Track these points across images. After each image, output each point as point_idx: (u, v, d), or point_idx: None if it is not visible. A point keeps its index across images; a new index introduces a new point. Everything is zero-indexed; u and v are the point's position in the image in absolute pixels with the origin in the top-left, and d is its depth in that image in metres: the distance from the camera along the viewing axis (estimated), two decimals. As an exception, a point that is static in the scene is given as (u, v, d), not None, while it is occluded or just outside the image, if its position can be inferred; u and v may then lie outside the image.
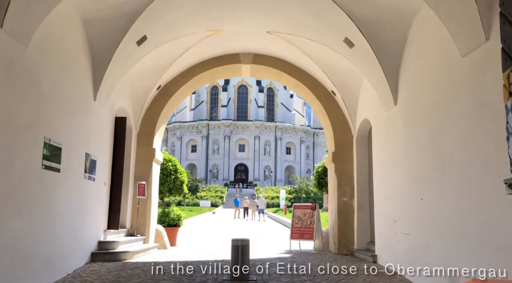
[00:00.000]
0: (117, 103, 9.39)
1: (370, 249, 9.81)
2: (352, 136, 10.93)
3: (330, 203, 11.31)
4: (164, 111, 11.18)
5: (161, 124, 11.38)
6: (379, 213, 8.89)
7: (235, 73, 11.80)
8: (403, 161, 7.43)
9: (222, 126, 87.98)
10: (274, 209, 53.38)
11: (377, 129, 9.04)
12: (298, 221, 11.09)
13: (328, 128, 11.25)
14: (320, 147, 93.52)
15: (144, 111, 10.94)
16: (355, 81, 10.09)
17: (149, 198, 10.76)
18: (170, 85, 11.19)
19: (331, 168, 11.23)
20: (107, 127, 8.85)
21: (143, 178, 10.70)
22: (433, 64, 6.29)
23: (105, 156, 8.76)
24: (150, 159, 10.85)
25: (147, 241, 10.53)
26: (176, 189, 12.85)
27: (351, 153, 10.87)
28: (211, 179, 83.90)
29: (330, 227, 11.17)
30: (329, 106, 11.12)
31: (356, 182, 10.54)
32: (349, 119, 10.83)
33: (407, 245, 7.08)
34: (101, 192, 8.53)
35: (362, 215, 10.38)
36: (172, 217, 12.60)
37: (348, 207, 10.67)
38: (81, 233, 7.51)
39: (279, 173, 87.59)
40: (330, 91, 11.03)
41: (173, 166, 12.88)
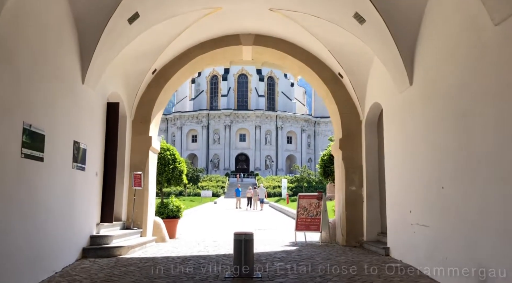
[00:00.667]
0: (109, 88, 8.73)
1: (381, 241, 9.23)
2: (361, 122, 10.28)
3: (337, 193, 10.71)
4: (160, 97, 10.53)
5: (157, 111, 10.74)
6: (391, 202, 8.29)
7: (235, 56, 11.12)
8: (421, 146, 6.79)
9: (223, 116, 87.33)
10: (276, 198, 52.91)
11: (389, 113, 8.40)
12: (304, 212, 10.50)
13: (335, 113, 10.60)
14: (321, 136, 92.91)
15: (139, 97, 10.29)
16: (364, 62, 9.41)
17: (146, 189, 10.16)
18: (167, 69, 10.51)
19: (338, 155, 10.61)
20: (98, 113, 8.21)
21: (139, 167, 10.09)
22: (457, 37, 5.62)
23: (97, 144, 8.14)
24: (146, 147, 10.23)
25: (145, 234, 9.96)
26: (175, 179, 12.25)
27: (360, 139, 10.23)
28: (212, 169, 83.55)
29: (338, 217, 10.59)
30: (336, 90, 10.46)
31: (365, 170, 9.93)
32: (357, 103, 10.17)
33: (425, 238, 6.48)
34: (93, 183, 7.93)
35: (371, 205, 9.78)
36: (171, 208, 12.02)
37: (357, 196, 10.07)
38: (70, 227, 6.92)
39: (280, 162, 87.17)
40: (337, 74, 10.36)
41: (171, 155, 12.26)
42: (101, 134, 8.36)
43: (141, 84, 10.02)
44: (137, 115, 10.31)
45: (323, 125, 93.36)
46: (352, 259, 7.68)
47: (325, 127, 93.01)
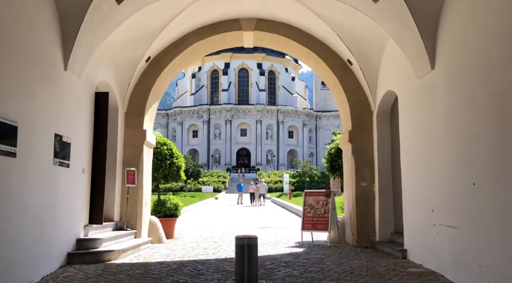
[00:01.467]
0: (97, 76, 7.96)
1: (396, 242, 8.49)
2: (372, 112, 9.50)
3: (346, 189, 9.95)
4: (155, 87, 9.75)
5: (152, 103, 9.96)
6: (409, 200, 7.52)
7: (235, 42, 10.31)
8: (444, 137, 6.02)
9: (223, 110, 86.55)
10: (278, 193, 52.22)
11: (405, 101, 7.61)
12: (311, 210, 9.74)
13: (344, 103, 9.82)
14: (323, 130, 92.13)
15: (132, 87, 9.51)
16: (377, 47, 8.62)
17: (140, 186, 9.41)
18: (161, 57, 9.72)
19: (347, 149, 9.84)
20: (85, 103, 7.43)
21: (132, 163, 9.33)
22: (493, 10, 4.84)
23: (83, 138, 7.37)
24: (140, 141, 9.46)
25: (139, 235, 9.22)
26: (172, 176, 11.47)
27: (371, 131, 9.46)
28: (213, 164, 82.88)
29: (347, 216, 9.84)
30: (344, 78, 9.66)
31: (377, 164, 9.16)
32: (368, 92, 9.38)
33: (452, 241, 5.73)
34: (79, 181, 7.17)
35: (384, 202, 9.03)
36: (169, 206, 11.28)
37: (368, 193, 9.31)
38: (52, 230, 6.17)
39: (282, 157, 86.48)
40: (346, 61, 9.56)
41: (168, 149, 11.47)
42: (88, 127, 7.59)
43: (134, 74, 9.23)
44: (130, 107, 9.54)
45: (325, 120, 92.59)
46: (366, 263, 6.93)
47: (327, 121, 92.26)
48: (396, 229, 8.89)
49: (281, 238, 10.89)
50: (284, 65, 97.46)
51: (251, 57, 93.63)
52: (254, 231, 13.01)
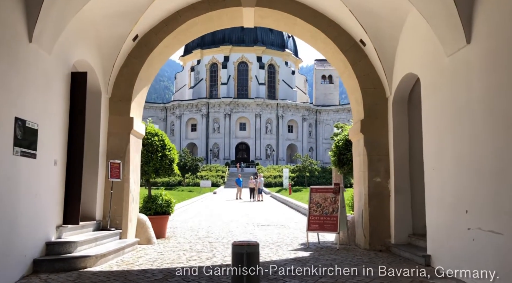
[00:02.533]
0: (74, 54, 6.89)
1: (414, 245, 7.49)
2: (387, 99, 8.46)
3: (357, 185, 8.93)
4: (144, 70, 8.69)
5: (140, 88, 8.91)
6: (433, 198, 6.50)
7: (234, 21, 9.23)
8: (482, 124, 5.00)
9: (222, 104, 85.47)
10: (277, 188, 51.23)
11: (431, 83, 6.55)
12: (317, 208, 8.72)
13: (355, 89, 8.77)
14: (322, 125, 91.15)
15: (117, 69, 8.45)
16: (395, 22, 7.56)
17: (127, 181, 8.39)
18: (151, 36, 8.66)
19: (359, 140, 8.80)
20: (58, 84, 6.37)
21: (117, 155, 8.30)
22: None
23: (55, 125, 6.32)
24: (127, 131, 8.42)
25: (125, 235, 8.21)
26: (164, 169, 10.43)
27: (385, 120, 8.42)
28: (211, 158, 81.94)
29: (357, 215, 8.83)
30: (356, 61, 8.61)
31: (393, 157, 8.13)
32: (383, 76, 8.33)
33: (497, 250, 4.72)
34: (50, 174, 6.14)
35: (400, 200, 8.01)
36: (160, 203, 10.26)
37: (382, 189, 8.29)
38: (13, 233, 5.15)
39: (281, 152, 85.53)
40: (358, 41, 8.50)
41: (160, 141, 10.43)
42: (62, 111, 6.52)
43: (119, 54, 8.17)
44: (115, 92, 8.48)
45: (325, 114, 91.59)
46: (386, 271, 5.91)
47: (327, 116, 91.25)
48: (414, 231, 7.89)
49: (283, 238, 9.89)
50: (284, 58, 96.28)
51: (250, 51, 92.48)
52: (253, 230, 12.02)
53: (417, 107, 7.99)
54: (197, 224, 13.87)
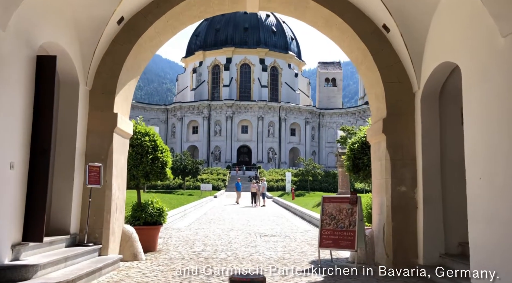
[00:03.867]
0: (41, 34, 5.69)
1: (448, 267, 6.22)
2: (414, 94, 7.24)
3: (377, 194, 7.69)
4: (131, 58, 7.50)
5: (127, 79, 7.72)
6: (481, 212, 5.25)
7: (236, 4, 8.02)
8: None
9: (224, 106, 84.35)
10: (279, 192, 49.93)
11: (478, 70, 5.29)
12: (331, 221, 7.48)
13: (375, 83, 7.55)
14: (325, 128, 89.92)
15: (99, 57, 7.25)
16: (426, 2, 6.34)
17: (108, 187, 7.18)
18: (139, 19, 7.46)
19: (379, 142, 7.58)
20: (16, 68, 5.15)
21: (98, 156, 7.10)
22: None
23: (12, 119, 5.11)
24: (109, 128, 7.21)
25: (105, 251, 6.99)
26: (155, 173, 9.20)
27: (412, 119, 7.19)
28: (213, 161, 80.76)
29: (378, 229, 7.59)
30: (378, 50, 7.39)
31: (422, 162, 6.89)
32: (410, 68, 7.11)
33: None
34: (4, 180, 4.92)
35: (430, 213, 6.78)
36: (151, 212, 9.07)
37: (408, 200, 7.06)
38: None
39: (283, 155, 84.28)
40: (381, 26, 7.29)
41: (151, 141, 9.22)
42: (22, 103, 5.31)
43: (101, 39, 6.96)
44: (97, 83, 7.28)
45: (328, 117, 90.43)
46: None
47: (330, 119, 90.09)
48: (447, 250, 6.65)
49: (290, 254, 8.65)
50: (287, 61, 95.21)
51: (253, 53, 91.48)
52: (255, 241, 10.78)
53: (451, 102, 6.80)
54: (194, 233, 12.64)
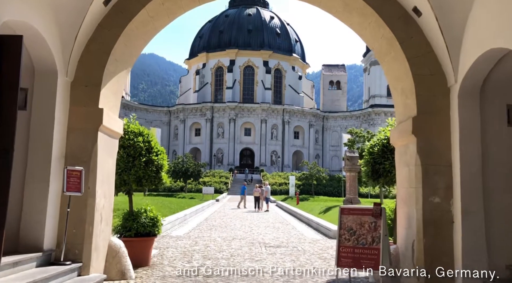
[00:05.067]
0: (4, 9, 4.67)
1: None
2: (449, 89, 6.19)
3: (405, 206, 6.63)
4: (120, 45, 6.48)
5: (116, 70, 6.70)
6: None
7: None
8: None
9: (227, 109, 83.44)
10: (283, 196, 48.78)
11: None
12: (350, 236, 6.42)
13: (402, 76, 6.51)
14: (329, 131, 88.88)
15: (83, 43, 6.24)
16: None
17: (91, 195, 6.15)
18: (129, 0, 6.46)
19: (407, 145, 6.52)
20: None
21: (80, 159, 6.09)
22: None
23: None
24: (94, 126, 6.19)
25: (87, 270, 5.96)
26: (148, 178, 8.17)
27: (447, 117, 6.14)
28: (215, 163, 79.79)
29: (404, 246, 6.52)
30: (406, 38, 6.34)
31: (459, 169, 5.83)
32: (445, 57, 6.06)
33: None
34: None
35: (470, 229, 5.72)
36: (143, 221, 8.05)
37: (442, 213, 6.00)
38: None
39: (287, 158, 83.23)
40: (411, 10, 6.25)
41: (145, 142, 8.20)
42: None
43: (84, 21, 5.95)
44: (79, 74, 6.27)
45: (332, 121, 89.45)
46: None
47: (334, 122, 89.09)
48: (492, 274, 5.58)
49: (301, 270, 7.59)
50: (291, 63, 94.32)
51: (257, 55, 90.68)
52: (261, 254, 9.73)
53: (495, 98, 5.75)
54: (193, 242, 11.59)
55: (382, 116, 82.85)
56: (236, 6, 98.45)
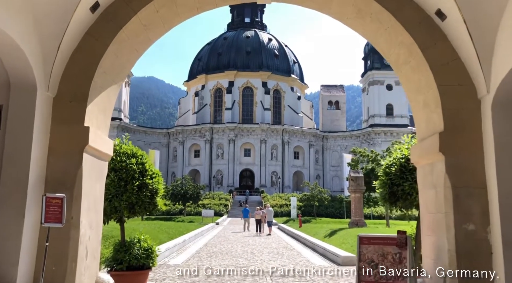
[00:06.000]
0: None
1: None
2: (479, 101, 5.50)
3: (433, 234, 5.83)
4: (109, 57, 5.82)
5: (104, 84, 6.02)
6: None
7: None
8: None
9: (227, 129, 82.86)
10: (284, 218, 47.55)
11: None
12: (373, 269, 5.60)
13: (426, 86, 5.82)
14: (330, 151, 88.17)
15: (67, 54, 5.58)
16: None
17: (75, 226, 5.37)
18: (120, 6, 5.81)
19: (432, 164, 5.78)
20: None
21: (63, 184, 5.34)
22: None
23: None
24: (78, 147, 5.47)
25: (68, 314, 5.13)
26: (142, 204, 7.40)
27: (478, 132, 5.43)
28: (215, 185, 78.65)
29: (434, 281, 5.70)
30: (429, 44, 5.69)
31: (498, 191, 5.09)
32: (475, 65, 5.39)
33: None
34: None
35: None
36: (136, 253, 7.22)
37: (477, 242, 5.22)
38: None
39: (287, 179, 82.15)
40: (433, 14, 5.62)
41: (138, 165, 7.46)
42: None
43: (68, 29, 5.29)
44: (63, 88, 5.58)
45: (332, 141, 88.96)
46: None
47: (334, 142, 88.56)
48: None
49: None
50: (290, 84, 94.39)
51: (256, 76, 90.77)
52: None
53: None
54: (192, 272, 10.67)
55: (382, 136, 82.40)
56: (235, 28, 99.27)
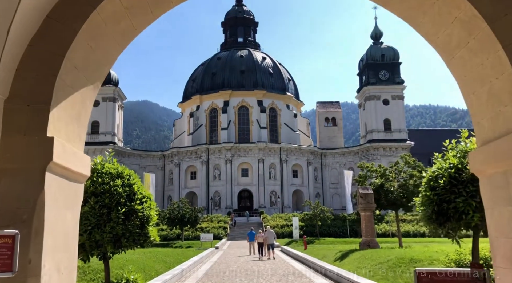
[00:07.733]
0: None
1: None
2: None
3: (508, 262, 4.42)
4: (79, 45, 4.45)
5: (77, 82, 4.63)
6: None
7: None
8: None
9: (223, 150, 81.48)
10: (286, 239, 45.66)
11: None
12: (440, 319, 4.17)
13: (495, 72, 4.48)
14: (329, 168, 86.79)
15: (23, 41, 4.22)
16: None
17: (33, 273, 3.90)
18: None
19: (504, 172, 4.40)
20: None
21: (15, 216, 3.90)
22: None
23: None
24: (39, 164, 4.04)
25: None
26: (130, 236, 5.97)
27: None
28: (213, 207, 76.77)
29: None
30: (498, 16, 4.36)
31: None
32: (562, 39, 4.09)
33: None
34: None
35: None
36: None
37: None
38: None
39: (287, 198, 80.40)
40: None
41: (125, 186, 6.06)
42: None
43: (18, 9, 3.95)
44: (18, 88, 4.19)
45: (330, 157, 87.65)
46: None
47: (332, 159, 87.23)
48: None
49: None
50: (286, 102, 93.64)
51: (251, 94, 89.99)
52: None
53: None
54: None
55: (381, 151, 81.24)
56: (228, 48, 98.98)
